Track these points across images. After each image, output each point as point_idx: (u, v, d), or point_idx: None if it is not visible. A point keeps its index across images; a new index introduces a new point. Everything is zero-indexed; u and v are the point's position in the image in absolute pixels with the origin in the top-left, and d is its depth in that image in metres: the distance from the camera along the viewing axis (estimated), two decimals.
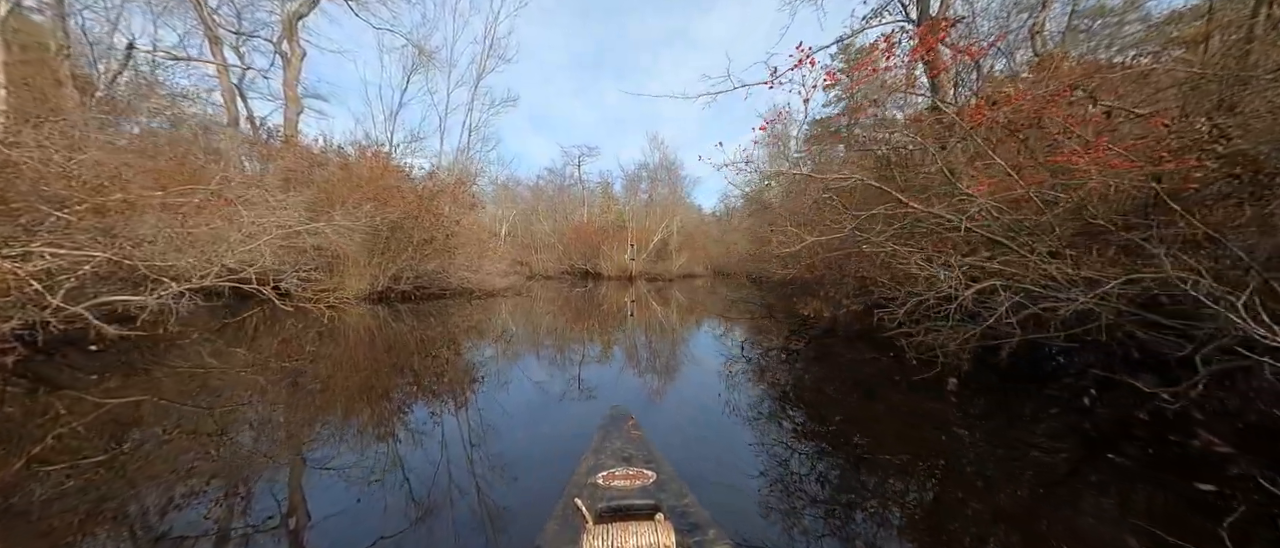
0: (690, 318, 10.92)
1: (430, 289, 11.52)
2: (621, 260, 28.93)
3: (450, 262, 11.69)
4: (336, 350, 5.88)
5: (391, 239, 10.61)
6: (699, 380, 4.96)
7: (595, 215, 34.80)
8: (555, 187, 39.25)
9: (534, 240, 31.21)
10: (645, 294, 17.63)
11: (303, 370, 4.81)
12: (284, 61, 14.33)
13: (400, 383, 4.56)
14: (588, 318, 10.57)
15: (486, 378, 4.83)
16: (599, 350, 7.07)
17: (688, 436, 3.30)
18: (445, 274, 11.67)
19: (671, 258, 31.64)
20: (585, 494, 1.69)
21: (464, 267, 12.15)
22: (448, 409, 3.80)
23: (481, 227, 19.20)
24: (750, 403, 4.01)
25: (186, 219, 5.28)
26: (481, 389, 4.39)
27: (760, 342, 7.27)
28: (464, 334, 7.77)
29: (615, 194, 38.09)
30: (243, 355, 5.41)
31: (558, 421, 3.59)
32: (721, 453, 3.01)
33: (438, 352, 6.15)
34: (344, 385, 4.41)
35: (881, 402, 3.85)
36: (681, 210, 35.89)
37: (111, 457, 2.78)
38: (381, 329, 7.70)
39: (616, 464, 1.96)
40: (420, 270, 11.16)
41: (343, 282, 10.24)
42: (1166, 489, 2.45)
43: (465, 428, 3.40)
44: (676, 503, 1.66)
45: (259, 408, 3.74)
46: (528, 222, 33.82)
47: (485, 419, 3.57)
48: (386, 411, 3.75)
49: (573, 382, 4.84)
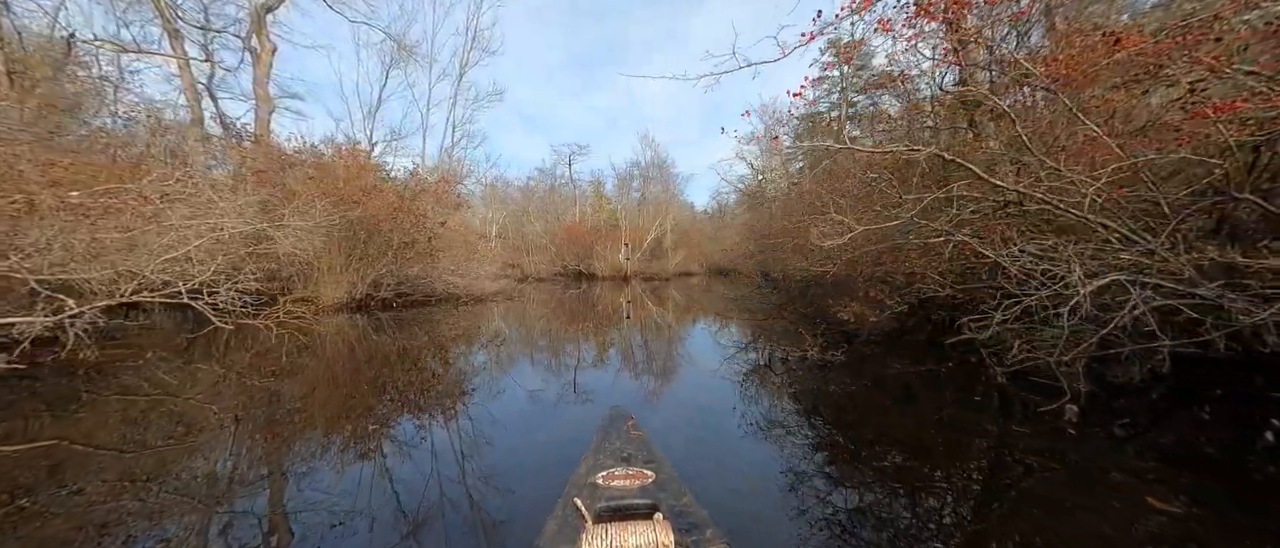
0: (691, 319, 10.21)
1: (413, 296, 10.70)
2: (616, 260, 28.20)
3: (434, 266, 10.87)
4: (313, 364, 5.28)
5: (370, 243, 9.79)
6: (713, 400, 4.23)
7: (588, 215, 34.06)
8: (546, 187, 38.53)
9: (526, 242, 30.40)
10: (641, 294, 16.92)
11: (274, 392, 4.15)
12: (253, 57, 13.42)
13: (383, 401, 4.07)
14: (582, 320, 9.86)
15: (477, 388, 4.46)
16: (594, 354, 6.41)
17: (688, 438, 3.06)
18: (429, 279, 10.86)
19: (666, 257, 30.98)
20: (585, 494, 1.68)
21: (450, 271, 11.32)
22: (436, 423, 3.51)
23: (469, 229, 18.38)
24: (781, 426, 3.30)
25: (97, 222, 4.42)
26: (472, 400, 4.05)
27: (783, 348, 6.59)
28: (451, 342, 7.11)
29: (607, 194, 37.43)
30: (208, 373, 4.71)
31: (553, 427, 3.39)
32: (741, 466, 2.70)
33: (423, 363, 5.55)
34: (322, 405, 3.93)
35: (965, 432, 2.99)
36: (675, 208, 35.31)
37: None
38: (362, 340, 6.98)
39: (616, 464, 1.95)
40: (402, 276, 10.34)
41: (317, 290, 9.41)
42: None
43: (456, 441, 3.15)
44: (675, 503, 1.65)
45: (215, 439, 3.10)
46: (519, 223, 33.06)
47: (477, 430, 3.33)
48: (369, 429, 3.36)
49: (567, 387, 4.48)
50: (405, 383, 4.61)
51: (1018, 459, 2.62)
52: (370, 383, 4.53)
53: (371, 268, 10.10)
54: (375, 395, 4.15)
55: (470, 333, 8.19)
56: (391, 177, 11.81)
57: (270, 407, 3.78)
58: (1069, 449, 2.64)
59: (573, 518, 1.50)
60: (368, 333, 7.63)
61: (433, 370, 5.22)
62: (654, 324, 9.30)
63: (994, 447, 2.80)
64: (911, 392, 3.95)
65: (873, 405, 3.69)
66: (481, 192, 33.68)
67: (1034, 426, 2.94)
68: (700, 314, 11.07)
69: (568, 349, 6.70)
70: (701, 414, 3.65)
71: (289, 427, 3.37)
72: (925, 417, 3.36)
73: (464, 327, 8.70)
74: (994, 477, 2.53)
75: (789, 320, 8.32)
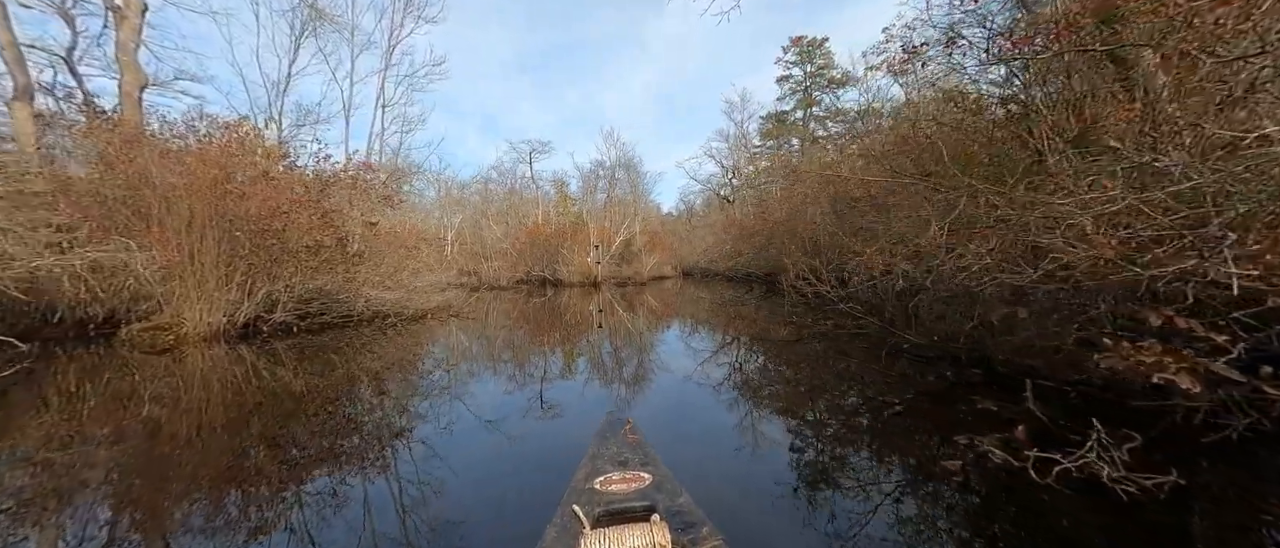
0: (698, 344, 8.22)
1: (326, 317, 8.21)
2: (584, 264, 25.94)
3: (353, 277, 8.39)
4: (173, 416, 3.92)
5: (258, 250, 7.28)
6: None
7: (552, 216, 31.70)
8: (506, 188, 35.92)
9: (484, 247, 27.75)
10: (612, 300, 14.81)
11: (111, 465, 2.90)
12: (116, 18, 10.57)
13: (283, 462, 3.03)
14: (549, 332, 7.69)
15: (414, 434, 3.52)
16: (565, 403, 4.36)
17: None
18: (349, 295, 8.38)
19: (638, 259, 28.97)
20: (583, 500, 1.67)
21: (377, 283, 8.85)
22: (365, 478, 2.75)
23: (410, 230, 15.72)
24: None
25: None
26: (407, 453, 3.14)
27: (829, 388, 4.68)
28: (373, 378, 5.23)
29: (572, 194, 35.16)
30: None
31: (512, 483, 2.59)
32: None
33: (338, 405, 4.31)
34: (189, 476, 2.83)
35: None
36: (643, 209, 33.51)
37: None
38: (249, 380, 5.03)
39: (613, 469, 1.96)
40: (309, 291, 7.85)
41: (179, 313, 6.85)
42: None
43: (393, 494, 2.53)
44: (672, 503, 1.67)
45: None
46: (477, 227, 30.40)
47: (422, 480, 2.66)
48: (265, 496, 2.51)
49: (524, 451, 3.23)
50: (319, 431, 3.60)
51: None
52: (262, 438, 3.42)
53: (265, 282, 7.58)
54: (272, 456, 3.09)
55: (401, 362, 6.02)
56: (297, 165, 9.26)
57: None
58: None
59: (571, 524, 1.50)
60: (257, 370, 5.41)
61: (352, 416, 4.06)
62: (639, 346, 7.25)
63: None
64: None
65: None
66: (437, 194, 31.02)
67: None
68: (713, 333, 9.11)
69: (528, 388, 4.58)
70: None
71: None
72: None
73: (391, 356, 6.39)
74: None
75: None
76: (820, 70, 35.34)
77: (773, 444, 3.08)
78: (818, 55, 35.16)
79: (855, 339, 5.88)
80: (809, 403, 4.08)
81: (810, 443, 3.17)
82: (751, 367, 5.72)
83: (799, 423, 3.58)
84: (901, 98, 9.23)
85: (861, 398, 4.09)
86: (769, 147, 36.80)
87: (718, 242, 30.02)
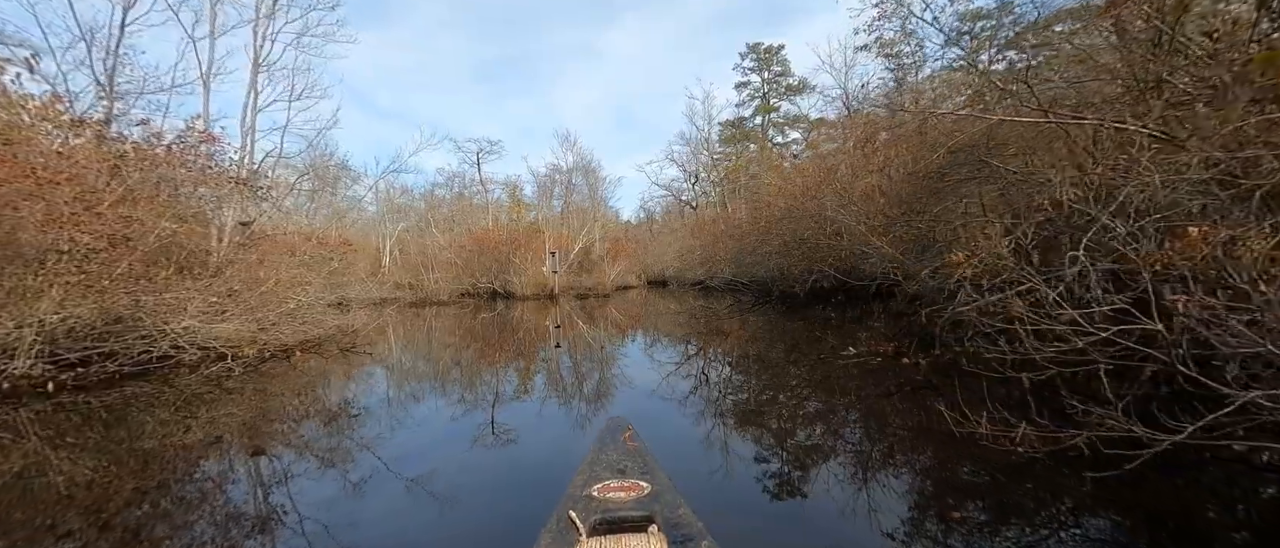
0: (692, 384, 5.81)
1: (115, 364, 5.15)
2: (539, 274, 23.06)
3: (164, 299, 5.33)
4: None
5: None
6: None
7: (503, 222, 28.62)
8: (453, 193, 32.48)
9: (428, 258, 24.35)
10: (572, 313, 12.16)
11: None
12: None
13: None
14: (498, 358, 5.04)
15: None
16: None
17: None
18: (155, 324, 5.34)
19: (599, 268, 26.34)
20: (579, 507, 1.60)
21: (208, 308, 5.78)
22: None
23: (345, 242, 12.41)
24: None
25: None
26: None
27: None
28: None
29: (527, 199, 32.17)
30: None
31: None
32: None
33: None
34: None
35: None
36: (603, 216, 31.02)
37: None
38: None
39: (611, 476, 1.88)
40: (76, 323, 4.83)
41: None
42: None
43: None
44: (671, 514, 1.60)
45: None
46: (420, 236, 26.96)
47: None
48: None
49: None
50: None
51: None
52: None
53: (12, 309, 4.54)
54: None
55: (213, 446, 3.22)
56: (110, 139, 6.15)
57: None
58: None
59: (567, 531, 1.43)
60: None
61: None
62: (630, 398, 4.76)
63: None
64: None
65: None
66: (375, 200, 27.32)
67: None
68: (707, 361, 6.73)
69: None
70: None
71: None
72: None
73: (197, 434, 3.53)
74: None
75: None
76: (777, 77, 34.58)
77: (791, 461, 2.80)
78: (774, 62, 34.54)
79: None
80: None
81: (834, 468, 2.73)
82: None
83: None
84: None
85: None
86: (728, 152, 35.63)
87: (686, 248, 27.87)
